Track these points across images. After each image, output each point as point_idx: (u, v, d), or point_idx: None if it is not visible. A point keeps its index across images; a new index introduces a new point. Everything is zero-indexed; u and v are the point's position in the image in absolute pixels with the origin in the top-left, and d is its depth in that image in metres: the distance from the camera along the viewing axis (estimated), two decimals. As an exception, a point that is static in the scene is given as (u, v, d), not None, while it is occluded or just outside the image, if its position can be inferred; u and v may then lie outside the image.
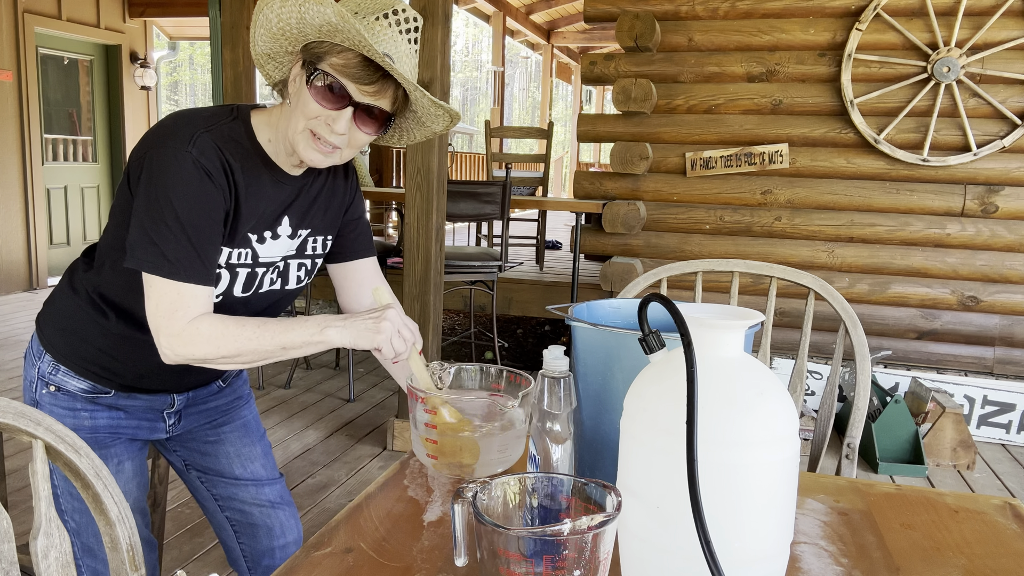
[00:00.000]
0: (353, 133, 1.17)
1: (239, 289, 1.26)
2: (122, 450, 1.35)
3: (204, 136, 1.15)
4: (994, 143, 3.83)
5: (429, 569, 0.89)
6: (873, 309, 4.15)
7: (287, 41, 1.18)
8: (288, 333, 1.14)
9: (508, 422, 1.09)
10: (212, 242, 1.16)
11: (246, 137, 1.21)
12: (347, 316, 1.16)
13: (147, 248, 1.12)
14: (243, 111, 1.23)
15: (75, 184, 7.52)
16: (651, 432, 0.76)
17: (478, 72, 23.71)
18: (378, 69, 1.12)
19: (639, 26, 4.12)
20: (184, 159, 1.12)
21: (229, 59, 3.90)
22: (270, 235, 1.27)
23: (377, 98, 1.15)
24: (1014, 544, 1.02)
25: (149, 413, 1.38)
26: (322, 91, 1.13)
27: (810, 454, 1.59)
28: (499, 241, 5.20)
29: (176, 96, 25.53)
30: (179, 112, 1.21)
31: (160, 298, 1.13)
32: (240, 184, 1.19)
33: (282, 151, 1.23)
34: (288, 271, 1.33)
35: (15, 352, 4.81)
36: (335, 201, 1.36)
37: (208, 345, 1.13)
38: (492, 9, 9.34)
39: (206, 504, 1.52)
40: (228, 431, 1.49)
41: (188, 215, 1.12)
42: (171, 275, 1.12)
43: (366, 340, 1.14)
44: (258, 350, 1.14)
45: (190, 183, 1.12)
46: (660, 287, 1.76)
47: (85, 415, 1.31)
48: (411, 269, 3.22)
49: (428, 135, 1.32)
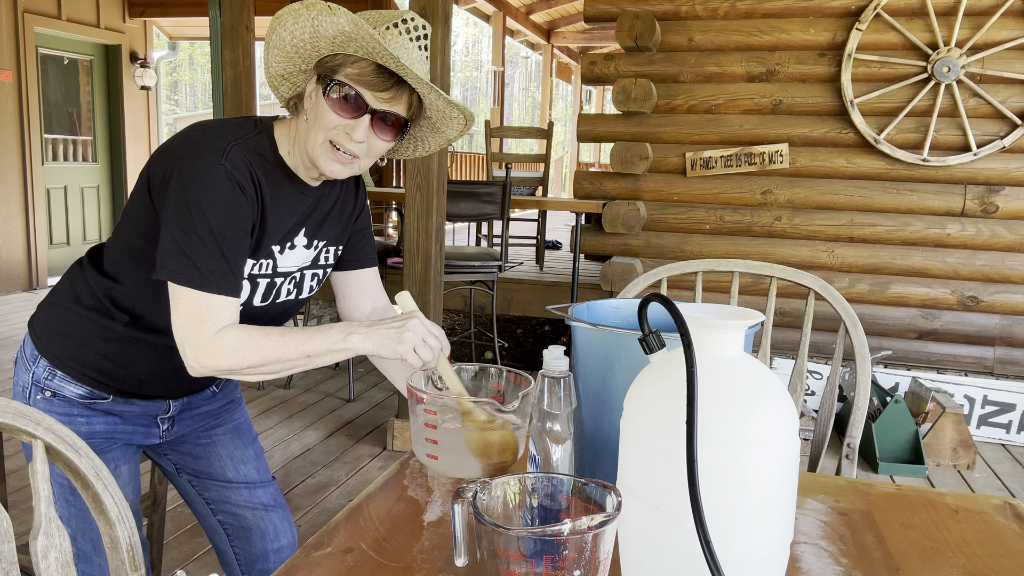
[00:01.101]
0: (371, 141, 1.19)
1: (259, 299, 1.27)
2: (118, 455, 1.35)
3: (236, 148, 1.16)
4: (994, 143, 3.83)
5: (429, 569, 0.89)
6: (873, 309, 4.15)
7: (300, 59, 1.19)
8: (312, 341, 1.15)
9: (506, 424, 1.09)
10: (241, 254, 1.17)
11: (270, 150, 1.22)
12: (371, 324, 1.16)
13: (178, 259, 1.12)
14: (267, 124, 1.25)
15: (75, 184, 7.52)
16: (651, 432, 0.76)
17: (478, 72, 23.71)
18: (392, 75, 1.14)
19: (639, 26, 4.12)
20: (218, 172, 1.13)
21: (229, 59, 3.90)
22: (289, 246, 1.28)
23: (393, 104, 1.17)
24: (1014, 544, 1.02)
25: (144, 419, 1.37)
26: (339, 101, 1.15)
27: (810, 454, 1.59)
28: (499, 241, 5.21)
29: (176, 96, 25.53)
30: (206, 123, 1.22)
31: (189, 310, 1.13)
32: (267, 197, 1.21)
33: (300, 164, 1.24)
34: (303, 281, 1.35)
35: (14, 352, 4.80)
36: (346, 211, 1.38)
37: (233, 356, 1.13)
38: (492, 9, 9.34)
39: (197, 508, 1.51)
40: (220, 434, 1.49)
41: (221, 227, 1.13)
42: (202, 287, 1.12)
43: (388, 349, 1.14)
44: (283, 359, 1.14)
45: (223, 195, 1.13)
46: (660, 287, 1.76)
47: (81, 421, 1.30)
48: (411, 269, 3.22)
49: (443, 143, 1.33)
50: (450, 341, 5.16)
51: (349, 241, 1.41)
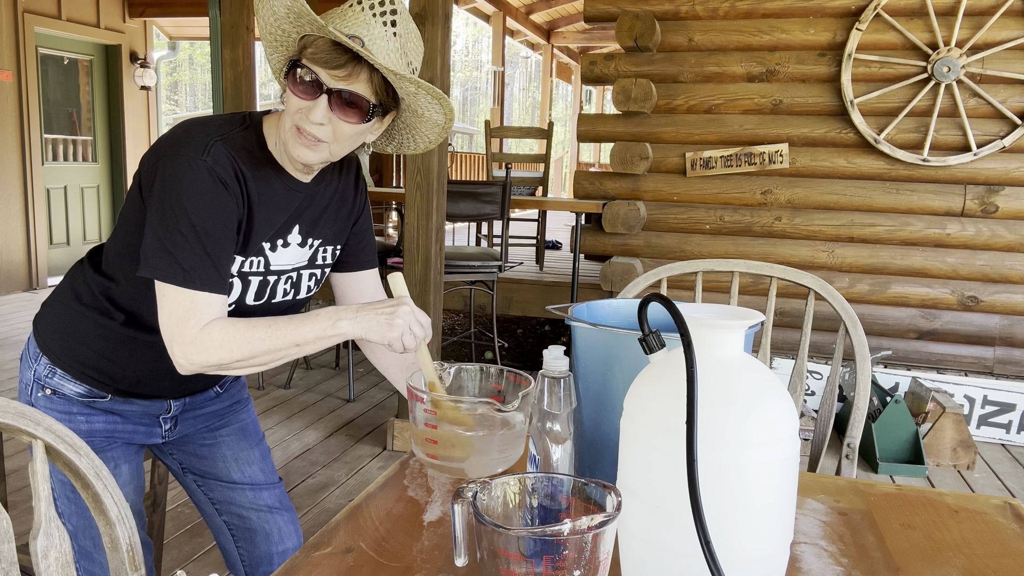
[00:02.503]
0: (335, 124, 1.14)
1: (251, 297, 1.26)
2: (118, 454, 1.35)
3: (218, 144, 1.15)
4: (994, 143, 3.83)
5: (429, 569, 0.89)
6: (873, 309, 4.15)
7: (283, 47, 1.18)
8: (300, 329, 1.14)
9: (507, 422, 1.09)
10: (226, 251, 1.16)
11: (257, 145, 1.21)
12: (359, 307, 1.16)
13: (161, 256, 1.11)
14: (255, 118, 1.23)
15: (75, 184, 7.52)
16: (651, 432, 0.76)
17: (478, 72, 23.70)
18: (346, 51, 1.09)
19: (639, 26, 4.12)
20: (199, 167, 1.12)
21: (229, 59, 3.90)
22: (281, 243, 1.27)
23: (350, 82, 1.11)
24: (1014, 544, 1.02)
25: (145, 418, 1.37)
26: (298, 83, 1.12)
27: (810, 454, 1.59)
28: (499, 241, 5.21)
29: (176, 96, 25.53)
30: (192, 120, 1.20)
31: (173, 307, 1.12)
32: (253, 193, 1.19)
33: (284, 155, 1.22)
34: (300, 281, 1.34)
35: (14, 352, 4.81)
36: (343, 210, 1.36)
37: (221, 350, 1.12)
38: (492, 9, 9.34)
39: (203, 507, 1.51)
40: (226, 434, 1.49)
41: (203, 223, 1.12)
42: (185, 283, 1.11)
43: (377, 334, 1.13)
44: (272, 350, 1.13)
45: (205, 191, 1.12)
46: (660, 287, 1.76)
47: (81, 419, 1.30)
48: (411, 269, 3.22)
49: (436, 133, 1.28)
50: (450, 341, 5.17)
51: (349, 242, 1.40)
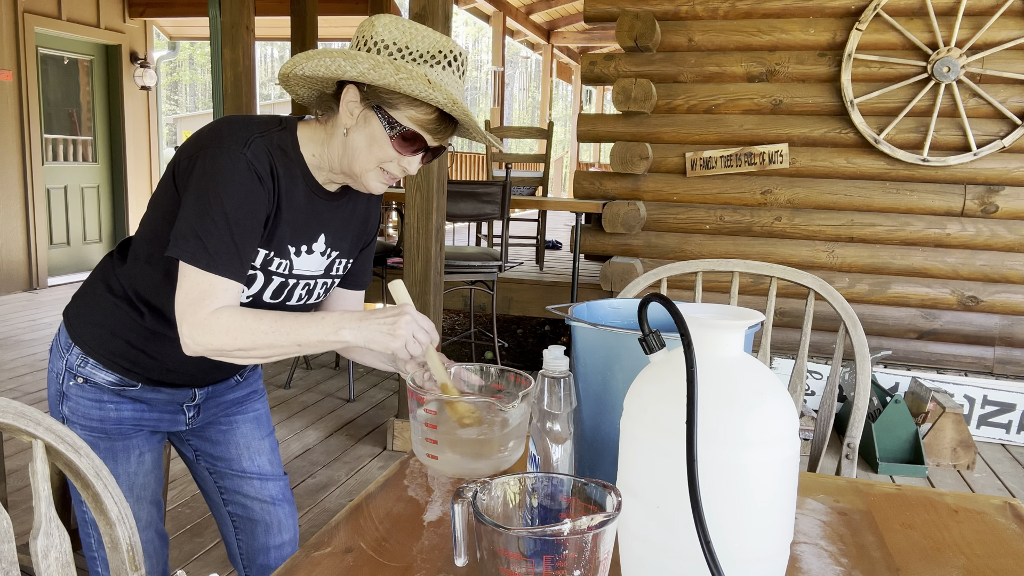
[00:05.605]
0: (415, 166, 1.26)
1: (269, 295, 1.30)
2: (143, 442, 1.40)
3: (258, 141, 1.20)
4: (994, 143, 3.83)
5: (429, 569, 0.89)
6: (873, 309, 4.15)
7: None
8: (304, 330, 1.17)
9: (507, 422, 1.09)
10: (252, 242, 1.20)
11: (292, 148, 1.26)
12: (363, 316, 1.18)
13: (189, 240, 1.15)
14: (291, 123, 1.28)
15: (75, 184, 7.53)
16: (651, 432, 0.76)
17: (478, 72, 23.70)
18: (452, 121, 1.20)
19: (639, 26, 4.12)
20: (239, 160, 1.17)
21: (229, 59, 3.90)
22: (306, 250, 1.31)
23: (445, 140, 1.24)
24: (1014, 544, 1.02)
25: (171, 406, 1.42)
26: (399, 140, 1.20)
27: (810, 454, 1.59)
28: (499, 241, 5.21)
29: (176, 96, 25.54)
30: (232, 117, 1.27)
31: (191, 287, 1.15)
32: (283, 191, 1.24)
33: (327, 168, 1.27)
34: (315, 289, 1.38)
35: (15, 352, 4.81)
36: (362, 229, 1.42)
37: (226, 336, 1.15)
38: (492, 9, 9.34)
39: (212, 497, 1.55)
40: (241, 421, 1.53)
41: (235, 213, 1.16)
42: (208, 267, 1.15)
43: (380, 344, 1.15)
44: (274, 344, 1.16)
45: (241, 183, 1.16)
46: (660, 287, 1.76)
47: (111, 407, 1.35)
48: (411, 269, 3.22)
49: None
50: (450, 341, 5.17)
51: (354, 261, 1.44)
